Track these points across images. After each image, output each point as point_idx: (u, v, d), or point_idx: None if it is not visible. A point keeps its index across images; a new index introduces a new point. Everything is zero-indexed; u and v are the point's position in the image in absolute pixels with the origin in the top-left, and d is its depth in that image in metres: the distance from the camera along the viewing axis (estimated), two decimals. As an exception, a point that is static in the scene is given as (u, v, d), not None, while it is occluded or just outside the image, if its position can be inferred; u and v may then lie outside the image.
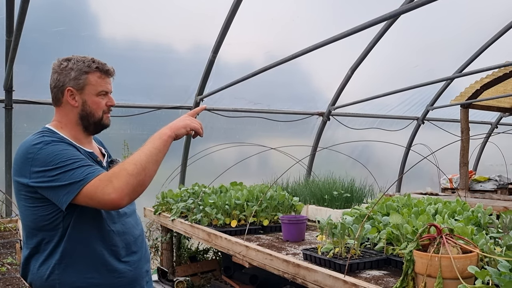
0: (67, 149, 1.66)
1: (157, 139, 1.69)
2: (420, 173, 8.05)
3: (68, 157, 1.62)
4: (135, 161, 1.61)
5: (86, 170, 1.59)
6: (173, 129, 1.74)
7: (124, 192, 1.55)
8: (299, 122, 6.89)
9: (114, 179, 1.55)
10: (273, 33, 5.70)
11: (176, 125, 1.76)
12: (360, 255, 2.46)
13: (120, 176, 1.56)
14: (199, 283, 4.86)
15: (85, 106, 1.79)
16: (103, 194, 1.54)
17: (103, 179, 1.56)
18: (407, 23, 5.77)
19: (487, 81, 6.55)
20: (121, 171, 1.58)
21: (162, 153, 1.68)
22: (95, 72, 1.79)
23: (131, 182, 1.56)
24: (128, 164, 1.60)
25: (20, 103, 5.01)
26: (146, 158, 1.62)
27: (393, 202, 3.05)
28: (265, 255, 2.80)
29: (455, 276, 1.68)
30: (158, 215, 4.73)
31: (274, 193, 3.83)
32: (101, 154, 1.95)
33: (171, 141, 1.72)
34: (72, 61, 1.78)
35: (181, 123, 1.77)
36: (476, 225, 2.57)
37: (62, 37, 4.83)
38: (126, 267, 1.76)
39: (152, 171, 1.64)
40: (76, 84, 1.77)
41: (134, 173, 1.57)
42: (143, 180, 1.60)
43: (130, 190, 1.56)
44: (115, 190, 1.54)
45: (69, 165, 1.59)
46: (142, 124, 5.79)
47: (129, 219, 1.86)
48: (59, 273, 1.65)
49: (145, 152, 1.64)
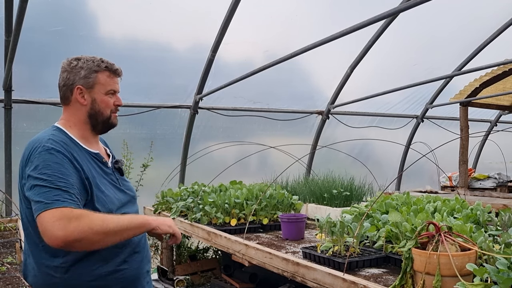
0: (59, 163, 1.61)
1: (138, 219, 1.68)
2: (419, 171, 8.06)
3: (54, 172, 1.58)
4: (105, 220, 1.56)
5: (58, 196, 1.53)
6: (158, 222, 1.73)
7: (70, 237, 1.47)
8: (299, 120, 6.89)
9: (73, 220, 1.49)
10: (272, 32, 5.70)
11: (163, 221, 1.76)
12: (359, 253, 2.47)
13: (81, 221, 1.49)
14: (199, 281, 4.87)
15: (94, 105, 1.81)
16: (52, 227, 1.47)
17: (64, 213, 1.50)
18: (406, 21, 5.77)
19: (486, 79, 6.55)
20: (85, 218, 1.52)
21: (131, 233, 1.64)
22: (104, 71, 1.82)
23: (85, 234, 1.49)
24: (97, 217, 1.55)
25: (20, 103, 5.01)
26: (115, 225, 1.58)
27: (392, 200, 3.06)
28: (264, 253, 2.81)
29: (454, 273, 1.68)
30: (158, 214, 4.73)
31: (273, 191, 3.83)
32: (106, 155, 1.94)
33: (148, 228, 1.70)
34: (82, 60, 1.80)
35: (168, 222, 1.78)
36: (475, 223, 2.58)
37: (60, 37, 4.82)
38: (128, 267, 1.76)
39: (109, 242, 1.60)
40: (86, 82, 1.78)
41: (94, 229, 1.51)
42: (96, 242, 1.55)
43: (77, 240, 1.49)
44: (65, 229, 1.47)
45: (49, 181, 1.55)
46: (141, 124, 5.79)
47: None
48: (59, 276, 1.65)
49: (119, 220, 1.60)
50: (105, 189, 1.76)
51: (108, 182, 1.81)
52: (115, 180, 1.86)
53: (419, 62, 6.73)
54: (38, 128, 5.10)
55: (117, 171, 1.93)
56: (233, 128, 6.53)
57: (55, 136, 1.70)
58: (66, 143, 1.71)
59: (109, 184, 1.81)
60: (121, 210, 1.78)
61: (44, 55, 4.86)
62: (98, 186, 1.73)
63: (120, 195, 1.83)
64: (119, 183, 1.87)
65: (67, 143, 1.72)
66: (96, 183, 1.73)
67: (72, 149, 1.72)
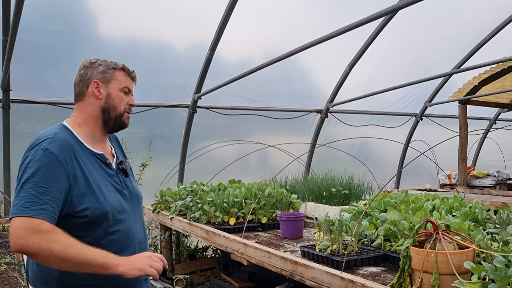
0: (47, 165, 1.60)
1: (105, 259, 1.58)
2: (419, 169, 8.06)
3: (41, 178, 1.57)
4: (69, 248, 1.52)
5: (33, 204, 1.52)
6: (126, 268, 1.61)
7: (27, 250, 1.48)
8: (298, 119, 6.89)
9: (37, 236, 1.48)
10: (271, 30, 5.70)
11: (132, 264, 1.63)
12: (358, 251, 2.46)
13: (44, 240, 1.49)
14: (198, 281, 4.87)
15: (109, 99, 1.84)
16: (16, 234, 1.48)
17: (32, 224, 1.49)
18: (405, 19, 5.76)
19: (485, 77, 6.55)
20: (50, 237, 1.50)
21: (92, 270, 1.57)
22: (121, 70, 1.88)
23: (42, 252, 1.49)
24: (60, 243, 1.52)
25: (18, 103, 5.00)
26: (74, 258, 1.53)
27: (391, 198, 3.06)
28: (263, 252, 2.80)
29: (452, 271, 1.68)
30: (157, 214, 4.73)
31: (272, 190, 3.83)
32: (112, 155, 1.92)
33: (111, 273, 1.60)
34: (100, 60, 1.87)
35: (139, 265, 1.64)
36: (473, 221, 2.58)
37: (59, 36, 4.81)
38: None
39: (67, 268, 1.56)
40: (103, 77, 1.83)
41: (54, 252, 1.50)
42: (52, 264, 1.54)
43: (34, 254, 1.50)
44: (26, 239, 1.47)
45: (30, 183, 1.56)
46: (140, 123, 5.78)
47: (134, 226, 1.84)
48: (57, 275, 1.64)
49: (83, 255, 1.54)
50: (106, 191, 1.74)
51: (111, 184, 1.79)
52: (118, 182, 1.84)
53: (418, 60, 6.72)
54: (36, 128, 5.09)
55: (121, 172, 1.91)
56: (232, 127, 6.53)
57: (56, 135, 1.69)
58: (67, 143, 1.69)
59: (111, 187, 1.79)
60: (121, 215, 1.76)
61: (43, 55, 4.85)
62: (99, 187, 1.72)
63: (121, 198, 1.81)
64: (122, 185, 1.85)
65: (69, 143, 1.70)
66: (97, 184, 1.71)
67: (74, 150, 1.70)
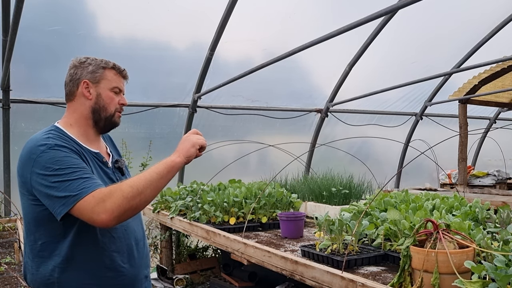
0: (68, 156, 1.63)
1: (162, 164, 1.66)
2: (419, 169, 8.06)
3: (67, 165, 1.59)
4: (133, 183, 1.57)
5: (82, 184, 1.56)
6: (182, 153, 1.70)
7: (113, 215, 1.52)
8: (298, 119, 6.89)
9: (107, 199, 1.52)
10: (271, 30, 5.70)
11: (183, 147, 1.72)
12: (358, 251, 2.46)
13: (114, 197, 1.53)
14: (199, 280, 4.87)
15: (99, 99, 1.82)
16: (93, 213, 1.51)
17: (96, 197, 1.53)
18: (405, 18, 5.77)
19: (485, 76, 6.55)
20: (116, 191, 1.54)
21: (164, 179, 1.64)
22: (111, 69, 1.86)
23: (124, 205, 1.53)
24: (126, 186, 1.56)
25: (18, 103, 5.00)
26: (145, 182, 1.59)
27: (391, 198, 3.06)
28: (263, 252, 2.80)
29: (452, 271, 1.68)
30: (157, 213, 4.73)
31: (272, 190, 3.82)
32: (107, 154, 1.93)
33: (178, 167, 1.68)
34: (90, 58, 1.85)
35: (188, 144, 1.73)
36: (473, 220, 2.57)
37: (59, 36, 4.81)
38: (126, 272, 1.75)
39: (150, 196, 1.60)
40: (93, 77, 1.82)
41: (128, 196, 1.53)
42: (137, 205, 1.57)
43: (121, 213, 1.53)
44: (105, 210, 1.51)
45: (67, 175, 1.57)
46: (139, 123, 5.79)
47: (132, 224, 1.84)
48: (58, 276, 1.64)
49: (145, 176, 1.61)
50: None
51: (108, 182, 1.80)
52: (115, 180, 1.85)
53: (418, 59, 6.73)
54: (36, 128, 5.09)
55: (117, 171, 1.92)
56: (232, 127, 6.54)
57: (53, 135, 1.70)
58: (66, 141, 1.71)
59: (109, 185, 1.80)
60: None
61: (43, 55, 4.85)
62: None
63: None
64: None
65: (66, 141, 1.71)
66: None
67: (72, 147, 1.71)
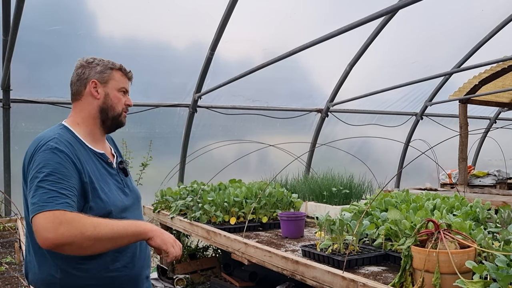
0: (61, 163, 1.60)
1: (134, 227, 1.62)
2: (419, 168, 8.06)
3: (54, 172, 1.57)
4: (98, 225, 1.52)
5: (53, 198, 1.51)
6: (157, 232, 1.66)
7: (59, 241, 1.46)
8: (298, 119, 6.89)
9: (65, 224, 1.47)
10: (271, 30, 5.69)
11: (163, 234, 1.69)
12: (359, 251, 2.46)
13: (72, 226, 1.47)
14: (199, 280, 4.87)
15: (107, 99, 1.85)
16: (44, 230, 1.46)
17: (56, 216, 1.47)
18: (405, 18, 5.76)
19: (485, 76, 6.55)
20: (78, 222, 1.49)
21: (125, 241, 1.60)
22: (118, 70, 1.90)
23: (75, 239, 1.47)
24: (90, 223, 1.51)
25: (18, 103, 4.99)
26: (109, 231, 1.54)
27: (391, 198, 3.05)
28: (263, 252, 2.80)
29: (453, 271, 1.68)
30: (157, 213, 4.73)
31: (272, 190, 3.82)
32: (111, 155, 1.94)
33: (141, 239, 1.65)
34: (97, 59, 1.88)
35: (169, 239, 1.70)
36: (474, 220, 2.57)
37: (59, 36, 4.81)
38: (127, 272, 1.76)
39: (101, 248, 1.57)
40: (101, 77, 1.84)
41: (86, 235, 1.48)
42: (87, 247, 1.52)
43: (68, 243, 1.47)
44: (55, 232, 1.45)
45: (47, 182, 1.54)
46: (140, 122, 5.78)
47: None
48: (60, 276, 1.65)
49: (113, 226, 1.56)
50: (108, 190, 1.75)
51: (113, 183, 1.81)
52: (119, 181, 1.85)
53: (418, 59, 6.72)
54: (36, 127, 5.09)
55: (121, 172, 1.92)
56: (232, 127, 6.53)
57: (60, 136, 1.70)
58: (71, 142, 1.70)
59: (114, 186, 1.80)
60: (123, 213, 1.77)
61: (43, 55, 4.85)
62: (102, 187, 1.72)
63: (124, 197, 1.82)
64: (123, 184, 1.86)
65: (72, 143, 1.71)
66: (99, 184, 1.72)
67: (77, 149, 1.71)
